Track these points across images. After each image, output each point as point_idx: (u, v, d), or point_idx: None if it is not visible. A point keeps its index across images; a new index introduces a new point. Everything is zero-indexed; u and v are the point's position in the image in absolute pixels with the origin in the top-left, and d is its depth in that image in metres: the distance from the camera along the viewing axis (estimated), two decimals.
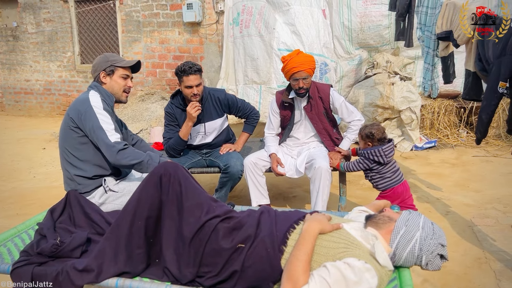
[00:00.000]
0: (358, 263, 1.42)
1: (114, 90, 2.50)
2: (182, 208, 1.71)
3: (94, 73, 2.49)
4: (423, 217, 1.62)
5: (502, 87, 2.84)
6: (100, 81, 2.48)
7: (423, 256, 1.55)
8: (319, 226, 1.57)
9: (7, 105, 9.24)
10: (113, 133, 2.29)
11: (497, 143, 5.28)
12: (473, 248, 2.82)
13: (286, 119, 3.22)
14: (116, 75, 2.49)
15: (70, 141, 2.34)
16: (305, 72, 2.98)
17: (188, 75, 3.01)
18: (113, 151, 2.24)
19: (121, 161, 2.26)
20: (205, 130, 3.27)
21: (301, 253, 1.47)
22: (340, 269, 1.40)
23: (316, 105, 3.09)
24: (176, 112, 3.23)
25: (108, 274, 1.66)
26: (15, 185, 4.52)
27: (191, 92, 3.05)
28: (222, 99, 3.27)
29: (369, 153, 2.75)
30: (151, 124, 6.84)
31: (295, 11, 5.80)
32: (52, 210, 2.13)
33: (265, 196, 3.14)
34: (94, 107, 2.31)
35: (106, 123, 2.29)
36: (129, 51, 7.80)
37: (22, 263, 1.74)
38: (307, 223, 1.60)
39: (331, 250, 1.51)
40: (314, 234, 1.54)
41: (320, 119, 3.12)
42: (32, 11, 8.44)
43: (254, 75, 6.05)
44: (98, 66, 2.47)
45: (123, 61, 2.51)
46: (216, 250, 1.62)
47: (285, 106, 3.18)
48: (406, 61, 5.82)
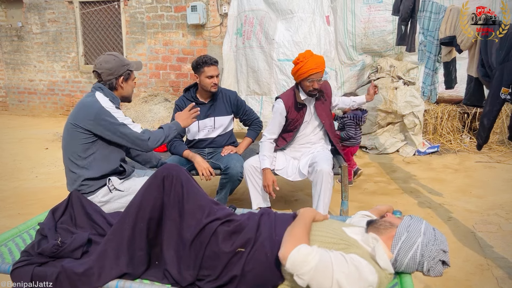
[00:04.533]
0: (360, 259, 1.44)
1: (128, 93, 2.54)
2: (183, 210, 1.71)
3: (109, 76, 2.42)
4: (425, 223, 1.62)
5: (504, 93, 2.84)
6: (115, 86, 2.45)
7: (425, 262, 1.54)
8: (313, 213, 1.66)
9: (11, 104, 9.27)
10: (135, 125, 2.38)
11: (500, 149, 5.27)
12: (475, 254, 2.80)
13: (295, 121, 3.15)
14: (131, 79, 2.53)
15: (76, 142, 2.33)
16: (321, 73, 3.01)
17: (209, 66, 3.17)
18: (145, 141, 2.37)
19: (153, 147, 2.41)
20: (214, 124, 3.35)
21: (299, 224, 1.56)
22: (342, 255, 1.45)
23: (324, 102, 3.17)
24: (187, 104, 3.28)
25: (109, 277, 1.66)
26: (16, 184, 4.53)
27: (212, 82, 3.19)
28: (232, 98, 3.41)
29: (355, 116, 4.05)
30: (153, 125, 6.85)
31: (298, 18, 5.84)
32: (54, 210, 2.13)
33: (265, 199, 3.14)
34: (107, 108, 2.32)
35: (124, 119, 2.34)
36: (133, 53, 7.82)
37: (23, 263, 1.74)
38: (301, 210, 1.70)
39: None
40: (309, 217, 1.63)
41: (327, 115, 3.19)
42: (37, 12, 8.47)
43: (256, 86, 6.17)
44: (115, 70, 2.42)
45: (133, 64, 2.52)
46: (216, 253, 1.62)
47: (298, 108, 3.13)
48: (409, 66, 5.82)
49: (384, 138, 5.46)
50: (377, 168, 4.83)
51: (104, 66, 2.42)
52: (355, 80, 6.10)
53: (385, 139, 5.45)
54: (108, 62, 2.42)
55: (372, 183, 4.31)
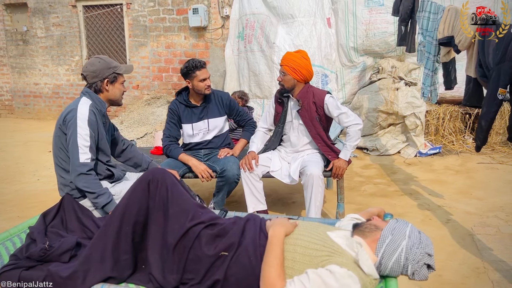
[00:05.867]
0: (340, 270, 1.41)
1: (115, 97, 2.51)
2: (168, 214, 1.71)
3: (93, 79, 2.43)
4: (410, 226, 1.60)
5: (501, 94, 2.81)
6: (100, 88, 2.45)
7: (409, 265, 1.52)
8: (284, 229, 1.61)
9: (17, 108, 9.36)
10: (86, 151, 2.30)
11: (503, 150, 5.20)
12: (472, 257, 2.77)
13: (278, 116, 3.23)
14: (118, 82, 2.50)
15: (62, 146, 2.35)
16: (283, 68, 3.05)
17: (200, 69, 3.19)
18: (76, 171, 2.29)
19: (77, 183, 2.30)
20: (208, 126, 3.35)
21: (271, 258, 1.49)
22: (321, 276, 1.39)
23: (309, 110, 3.07)
24: (180, 108, 3.33)
25: (94, 280, 1.66)
26: (18, 187, 4.57)
27: (206, 84, 3.21)
28: (224, 99, 3.41)
29: None
30: (156, 128, 6.87)
31: (299, 23, 5.85)
32: (45, 214, 2.14)
33: (261, 202, 3.12)
34: (78, 118, 2.30)
35: (82, 139, 2.29)
36: (135, 55, 7.86)
37: (10, 267, 1.75)
38: (271, 229, 1.62)
39: (314, 259, 1.50)
40: (281, 237, 1.57)
41: (313, 124, 3.09)
42: (42, 16, 8.56)
43: (257, 89, 6.21)
44: (99, 73, 2.42)
45: (122, 67, 2.51)
46: (199, 256, 1.61)
47: (279, 102, 3.22)
48: (411, 67, 5.78)
49: (385, 140, 5.43)
50: (378, 169, 4.80)
51: (89, 68, 2.43)
52: (356, 82, 6.07)
53: (386, 140, 5.41)
54: (93, 64, 2.43)
55: (371, 185, 4.28)
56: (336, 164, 3.05)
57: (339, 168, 3.04)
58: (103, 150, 2.47)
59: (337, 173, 3.05)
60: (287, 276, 1.48)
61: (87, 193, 2.30)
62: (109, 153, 2.55)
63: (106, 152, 2.50)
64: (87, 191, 2.30)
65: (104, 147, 2.48)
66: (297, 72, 3.01)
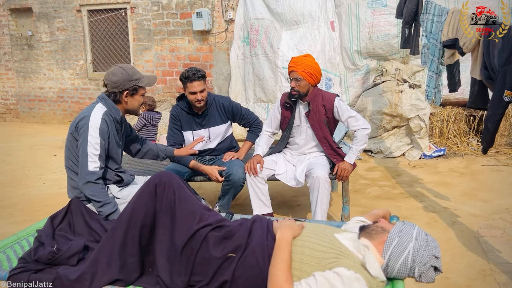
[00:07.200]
0: (348, 272, 1.41)
1: (133, 107, 2.51)
2: (175, 217, 1.72)
3: (113, 89, 2.40)
4: (417, 228, 1.60)
5: (507, 96, 2.80)
6: (119, 99, 2.43)
7: (416, 267, 1.52)
8: (292, 232, 1.61)
9: (22, 112, 9.41)
10: (95, 159, 2.30)
11: (508, 152, 5.19)
12: (478, 259, 2.76)
13: (285, 121, 3.21)
14: (138, 94, 2.48)
15: (73, 150, 2.37)
16: (298, 73, 2.99)
17: (192, 82, 3.06)
18: (84, 179, 2.29)
19: (84, 191, 2.30)
20: (209, 135, 3.30)
21: (278, 261, 1.49)
22: (328, 278, 1.40)
23: (317, 113, 3.07)
24: (181, 114, 3.28)
25: (101, 283, 1.67)
26: (24, 191, 4.59)
27: (195, 98, 3.10)
28: (226, 106, 3.32)
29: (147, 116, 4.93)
30: (160, 131, 6.89)
31: (303, 29, 5.89)
32: (53, 218, 2.16)
33: (267, 205, 3.12)
34: (90, 126, 2.30)
35: (92, 148, 2.29)
36: (140, 59, 7.90)
37: (19, 270, 1.76)
38: (279, 231, 1.62)
39: (322, 260, 1.50)
40: (289, 241, 1.58)
41: (320, 127, 3.09)
42: (47, 20, 8.61)
43: (262, 94, 6.26)
44: (120, 84, 2.39)
45: (144, 80, 2.48)
46: (206, 258, 1.62)
47: (286, 106, 3.19)
48: (415, 69, 5.77)
49: (389, 142, 5.42)
50: (382, 172, 4.80)
51: (110, 78, 2.41)
52: (360, 85, 6.07)
53: (390, 142, 5.41)
54: (114, 74, 2.40)
55: (376, 187, 4.28)
56: (341, 167, 3.05)
57: (344, 170, 3.04)
58: (114, 158, 2.48)
59: (342, 175, 3.05)
60: (295, 278, 1.49)
61: (93, 201, 2.31)
62: (119, 161, 2.56)
63: (116, 160, 2.51)
64: (93, 200, 2.30)
65: (114, 155, 2.48)
66: (313, 76, 3.01)
